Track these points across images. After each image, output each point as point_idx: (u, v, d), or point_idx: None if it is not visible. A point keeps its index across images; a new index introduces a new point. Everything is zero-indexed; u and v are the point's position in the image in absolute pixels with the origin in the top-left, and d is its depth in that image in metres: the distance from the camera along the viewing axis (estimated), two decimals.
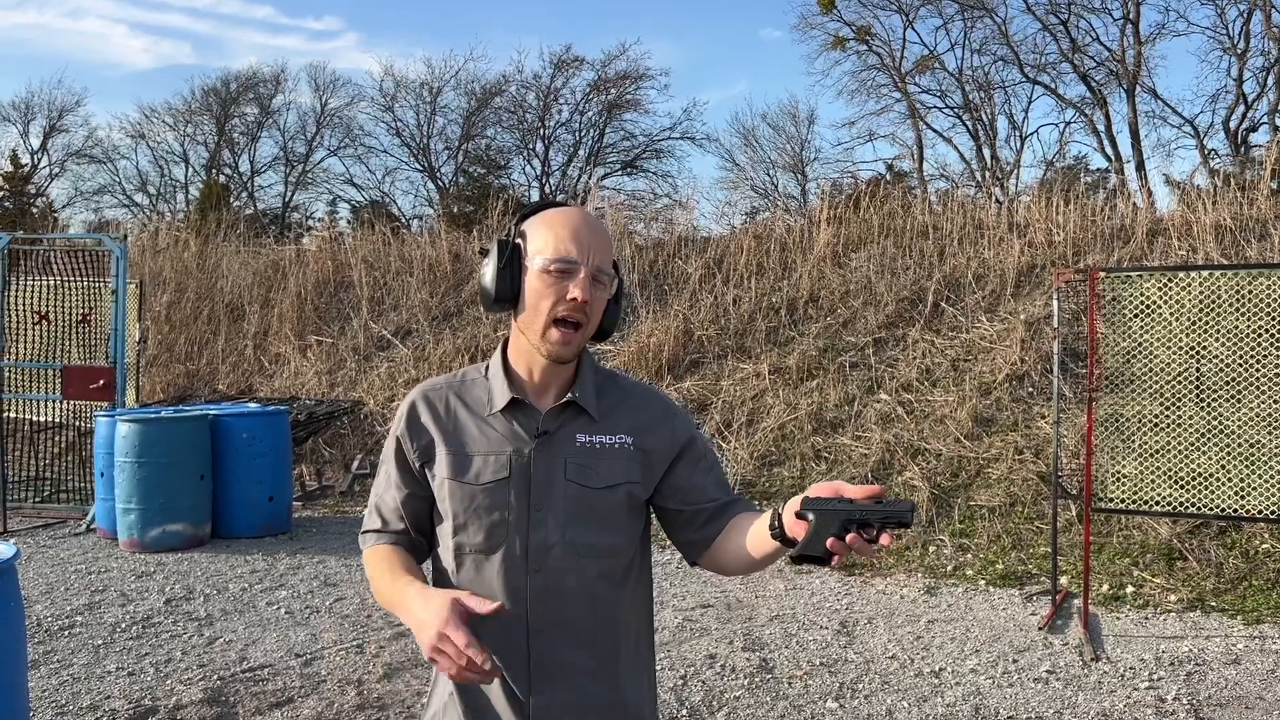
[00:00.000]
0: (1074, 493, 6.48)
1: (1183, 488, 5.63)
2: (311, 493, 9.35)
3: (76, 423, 10.05)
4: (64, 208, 32.24)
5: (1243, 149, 22.86)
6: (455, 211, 26.66)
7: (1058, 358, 6.12)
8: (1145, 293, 5.91)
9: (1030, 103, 27.05)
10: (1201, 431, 5.77)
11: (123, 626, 5.48)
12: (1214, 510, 5.56)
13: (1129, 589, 6.15)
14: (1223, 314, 5.92)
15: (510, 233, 1.67)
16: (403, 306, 12.03)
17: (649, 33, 51.34)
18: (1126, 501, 5.75)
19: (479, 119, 31.72)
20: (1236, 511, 5.52)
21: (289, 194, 33.49)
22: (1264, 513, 5.46)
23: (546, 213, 1.66)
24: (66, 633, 5.38)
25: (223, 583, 6.41)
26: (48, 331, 9.28)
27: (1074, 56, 24.70)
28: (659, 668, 4.85)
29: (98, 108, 49.64)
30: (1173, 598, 5.99)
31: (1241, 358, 5.79)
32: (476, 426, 1.65)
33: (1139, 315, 5.93)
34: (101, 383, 8.44)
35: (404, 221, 28.62)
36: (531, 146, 32.11)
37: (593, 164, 31.58)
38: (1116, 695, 4.54)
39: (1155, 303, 5.90)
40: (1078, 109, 25.46)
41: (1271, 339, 5.68)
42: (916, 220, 11.04)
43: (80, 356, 9.15)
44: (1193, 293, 6.00)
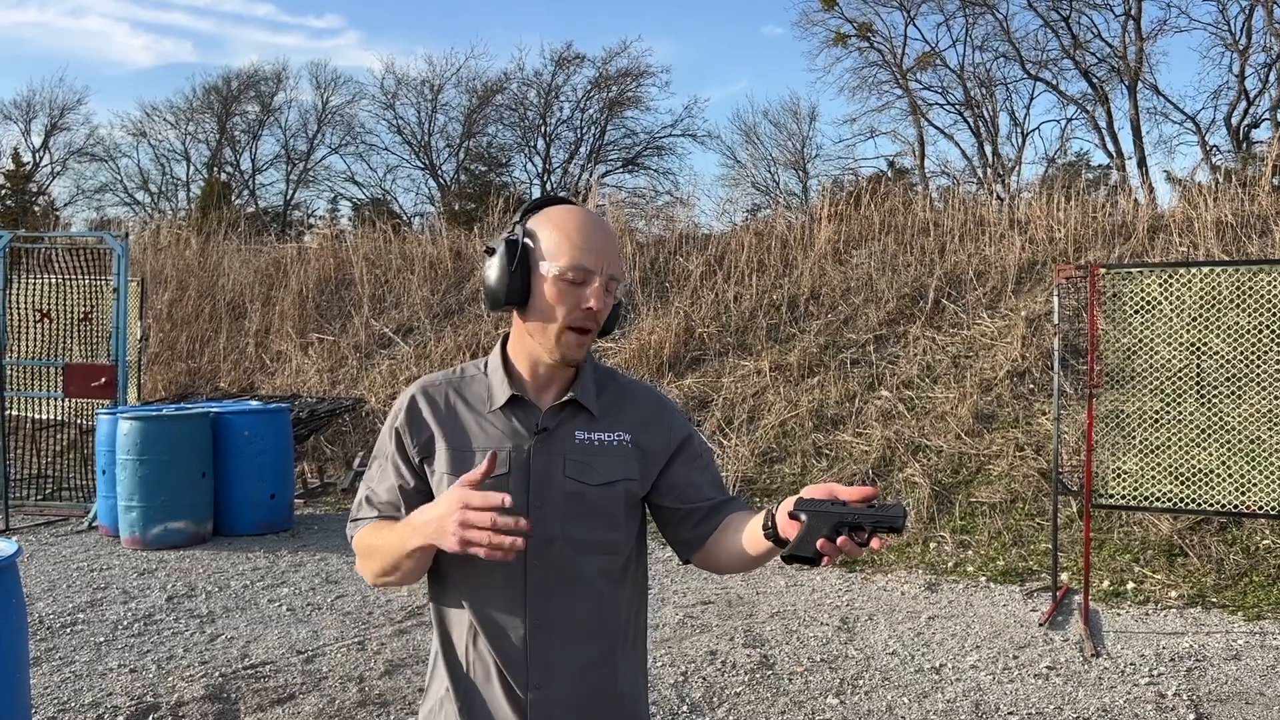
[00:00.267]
0: (1075, 489, 6.47)
1: (1183, 484, 5.64)
2: (313, 490, 9.37)
3: (78, 420, 10.06)
4: (65, 206, 32.32)
5: (1244, 145, 22.84)
6: (456, 209, 26.70)
7: (1058, 354, 6.11)
8: (1146, 289, 5.90)
9: (1032, 99, 27.06)
10: (1202, 428, 5.77)
11: (124, 624, 5.49)
12: (1214, 506, 5.56)
13: (1129, 585, 6.16)
14: (1224, 310, 5.92)
15: (517, 231, 1.63)
16: (404, 304, 12.04)
17: (650, 30, 51.41)
18: (1127, 498, 5.75)
19: (480, 116, 31.73)
20: (1237, 507, 5.52)
21: (290, 192, 33.53)
22: (1264, 509, 5.46)
23: (554, 213, 1.62)
24: (68, 630, 5.39)
25: (224, 580, 6.42)
26: (49, 329, 9.30)
27: (1075, 53, 24.67)
28: (660, 664, 4.86)
29: (99, 106, 49.61)
30: (1173, 594, 5.99)
31: (1242, 354, 5.79)
32: (476, 423, 1.64)
33: (1140, 311, 5.93)
34: (103, 380, 8.46)
35: (405, 219, 28.65)
36: (533, 144, 32.15)
37: (594, 161, 31.61)
38: (1117, 691, 4.54)
39: (1156, 299, 5.90)
40: (1079, 105, 25.44)
41: (1272, 335, 5.67)
42: (918, 217, 11.04)
43: (82, 354, 9.17)
44: (1194, 289, 5.99)
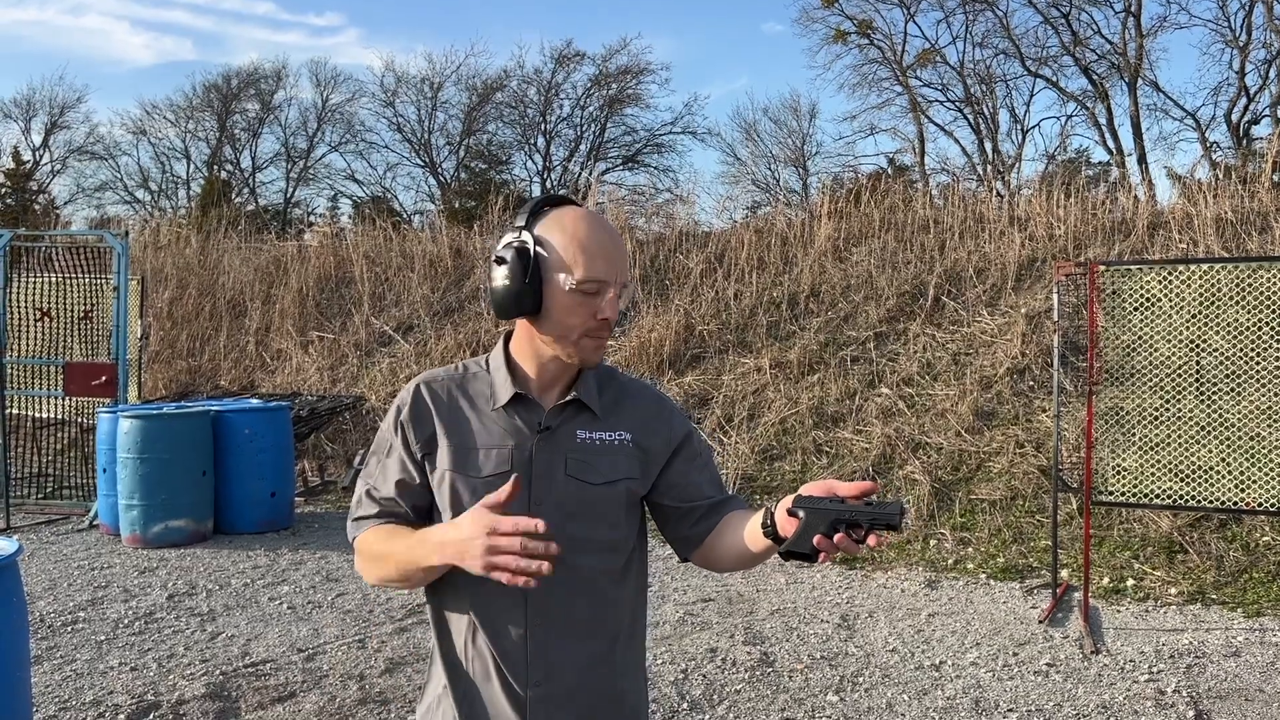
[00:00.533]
0: (1074, 486, 6.47)
1: (1183, 481, 5.64)
2: (313, 488, 9.38)
3: (79, 419, 10.06)
4: (66, 204, 32.32)
5: (1244, 142, 22.83)
6: (456, 207, 26.70)
7: (1058, 351, 6.11)
8: (1146, 286, 5.90)
9: (1032, 96, 27.18)
10: (1202, 424, 5.78)
11: (125, 622, 5.50)
12: (1214, 503, 5.56)
13: (1129, 582, 6.16)
14: (1223, 307, 5.92)
15: (525, 238, 1.59)
16: (404, 302, 12.04)
17: (650, 27, 51.41)
18: (1127, 495, 5.75)
19: (480, 114, 31.74)
20: (1237, 504, 5.52)
21: (290, 190, 33.55)
22: (1264, 505, 5.46)
23: (565, 220, 1.59)
24: (69, 628, 5.39)
25: (225, 578, 6.43)
26: (50, 328, 9.30)
27: (1075, 50, 24.66)
28: (660, 662, 4.87)
29: (99, 104, 49.82)
30: (1173, 591, 6.00)
31: (1242, 351, 5.79)
32: (479, 420, 1.64)
33: (1139, 308, 5.93)
34: (104, 379, 8.46)
35: (405, 217, 28.68)
36: (533, 141, 32.17)
37: (594, 159, 31.63)
38: (1116, 688, 4.55)
39: (1156, 296, 5.90)
40: (1079, 102, 25.45)
41: (1272, 332, 5.68)
42: (917, 214, 11.05)
43: (82, 353, 9.17)
44: (1193, 286, 5.99)
